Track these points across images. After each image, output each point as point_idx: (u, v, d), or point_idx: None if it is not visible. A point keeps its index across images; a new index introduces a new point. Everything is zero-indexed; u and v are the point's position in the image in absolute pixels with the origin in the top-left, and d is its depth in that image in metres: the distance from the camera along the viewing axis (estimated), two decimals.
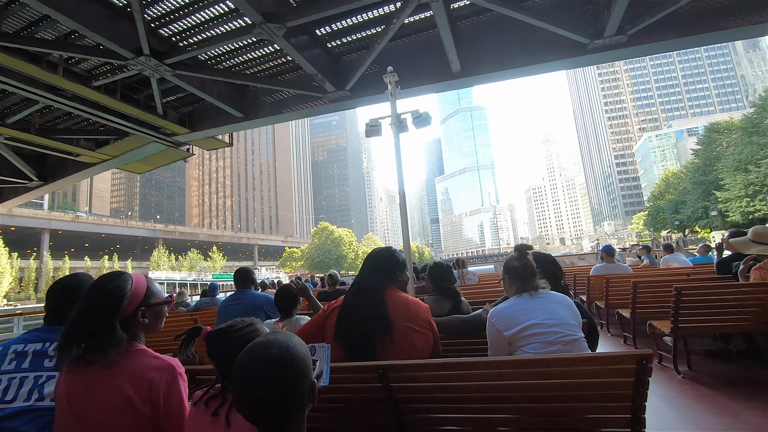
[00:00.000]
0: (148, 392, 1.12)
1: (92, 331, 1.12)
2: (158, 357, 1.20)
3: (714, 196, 37.35)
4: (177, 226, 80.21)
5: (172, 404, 1.15)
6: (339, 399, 1.62)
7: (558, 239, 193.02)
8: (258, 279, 3.94)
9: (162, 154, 9.57)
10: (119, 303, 1.18)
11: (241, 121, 8.01)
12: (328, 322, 1.79)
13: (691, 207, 42.31)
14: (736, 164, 34.36)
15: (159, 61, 5.93)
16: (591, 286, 5.54)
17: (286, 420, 0.81)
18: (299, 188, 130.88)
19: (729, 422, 2.32)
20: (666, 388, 2.94)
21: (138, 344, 1.22)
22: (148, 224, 71.53)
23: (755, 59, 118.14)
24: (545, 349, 1.67)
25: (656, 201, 56.29)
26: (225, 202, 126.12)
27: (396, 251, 1.95)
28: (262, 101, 7.98)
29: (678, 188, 49.99)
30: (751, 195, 33.23)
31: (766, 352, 3.33)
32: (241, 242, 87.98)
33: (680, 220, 45.21)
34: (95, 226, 59.43)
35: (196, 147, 9.92)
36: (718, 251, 5.36)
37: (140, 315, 1.24)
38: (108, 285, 1.20)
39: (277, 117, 8.08)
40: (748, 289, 3.03)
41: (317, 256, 66.11)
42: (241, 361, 0.83)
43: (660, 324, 3.52)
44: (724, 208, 35.95)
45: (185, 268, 52.72)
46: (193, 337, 1.37)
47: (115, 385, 1.11)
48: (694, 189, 42.16)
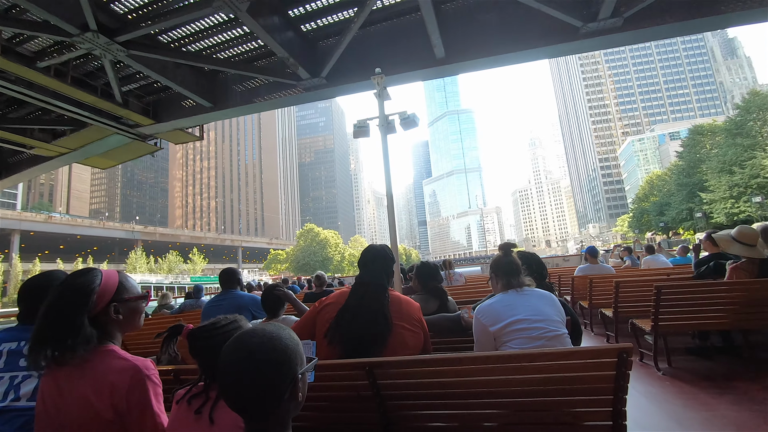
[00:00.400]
0: (110, 397, 1.06)
1: (60, 329, 1.07)
2: (124, 358, 1.13)
3: (699, 197, 37.61)
4: (157, 227, 77.95)
5: (136, 408, 1.09)
6: (325, 397, 1.62)
7: (544, 241, 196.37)
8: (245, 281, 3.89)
9: (127, 148, 8.85)
10: (87, 299, 1.13)
11: (210, 111, 7.42)
12: (319, 318, 1.78)
13: (676, 208, 42.63)
14: (721, 166, 34.64)
15: (109, 38, 5.39)
16: (575, 286, 5.66)
17: (269, 412, 0.80)
18: (285, 190, 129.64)
19: (707, 416, 2.40)
20: (646, 384, 3.02)
21: (110, 344, 1.17)
22: (126, 225, 69.26)
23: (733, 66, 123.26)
24: (530, 344, 1.70)
25: (641, 203, 56.93)
26: (209, 204, 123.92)
27: (388, 248, 1.97)
28: (233, 90, 7.39)
29: (662, 190, 50.51)
30: (736, 196, 33.36)
31: (741, 349, 3.45)
32: (224, 244, 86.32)
33: (665, 221, 45.60)
34: (70, 227, 57.15)
35: (180, 142, 9.47)
36: (695, 252, 5.55)
37: (113, 311, 1.19)
38: (75, 281, 1.15)
39: (249, 107, 7.48)
40: (724, 288, 3.14)
41: (302, 259, 65.34)
42: (224, 350, 0.82)
43: (641, 322, 3.62)
44: (708, 210, 36.20)
45: (164, 270, 51.29)
46: (174, 335, 1.34)
47: (79, 389, 1.07)
48: (679, 191, 42.49)
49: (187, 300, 6.29)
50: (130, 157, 9.64)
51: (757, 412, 2.36)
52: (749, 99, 34.59)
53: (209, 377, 1.17)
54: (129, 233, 65.99)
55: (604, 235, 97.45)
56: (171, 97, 7.81)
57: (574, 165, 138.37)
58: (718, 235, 3.51)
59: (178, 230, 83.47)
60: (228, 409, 1.06)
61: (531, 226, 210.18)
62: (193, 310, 5.36)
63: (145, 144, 8.68)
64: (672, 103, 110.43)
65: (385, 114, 5.55)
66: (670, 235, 46.40)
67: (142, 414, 1.10)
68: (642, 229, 55.46)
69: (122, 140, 8.38)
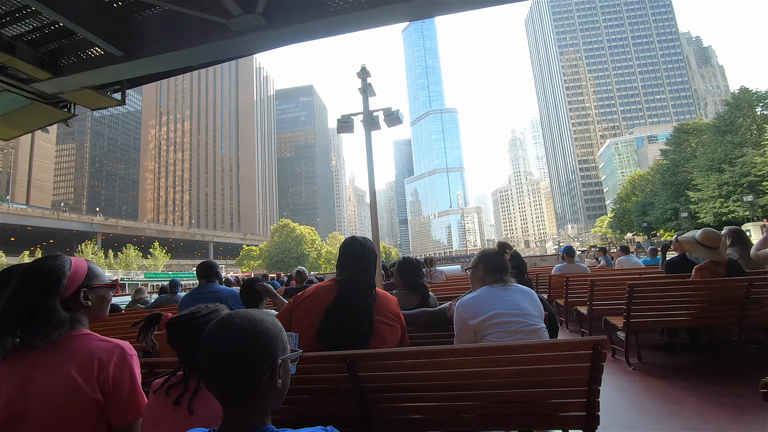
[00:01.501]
0: (96, 375, 1.06)
1: (30, 313, 1.06)
2: (106, 339, 1.15)
3: (685, 196, 36.89)
4: (119, 219, 73.32)
5: (122, 387, 1.09)
6: (304, 390, 1.62)
7: (523, 241, 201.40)
8: None
9: (29, 113, 6.93)
10: (58, 281, 1.11)
11: (122, 61, 5.62)
12: (295, 314, 1.77)
13: (660, 208, 41.78)
14: (709, 164, 33.58)
15: None
16: (552, 284, 5.85)
17: (248, 397, 0.80)
18: (264, 184, 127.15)
19: (674, 409, 2.54)
20: (618, 379, 3.17)
21: (82, 328, 1.16)
22: (84, 217, 64.69)
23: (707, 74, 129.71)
24: (508, 337, 1.76)
25: (622, 203, 56.71)
26: (182, 197, 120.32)
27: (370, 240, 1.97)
28: (150, 35, 6.05)
29: (645, 190, 49.90)
30: (725, 195, 32.17)
31: (706, 345, 3.67)
32: (194, 239, 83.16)
33: (648, 221, 45.18)
34: (19, 218, 53.36)
35: (98, 107, 7.40)
36: (663, 253, 5.84)
37: (82, 296, 1.17)
38: (44, 264, 1.13)
39: (171, 56, 5.41)
40: (691, 287, 3.33)
41: (276, 255, 63.26)
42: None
43: (614, 319, 3.79)
44: (695, 209, 35.21)
45: (122, 266, 48.65)
46: (151, 324, 1.32)
47: (59, 371, 1.04)
48: (664, 190, 41.52)
49: (162, 295, 6.12)
50: (37, 125, 7.47)
51: (719, 404, 2.52)
52: (739, 96, 34.01)
53: (189, 367, 1.16)
54: (87, 225, 62.02)
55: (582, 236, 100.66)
56: (74, 45, 6.05)
57: (554, 166, 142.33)
58: (682, 238, 3.71)
59: (143, 223, 79.76)
60: (207, 400, 1.08)
61: (510, 226, 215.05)
62: (169, 304, 5.23)
63: (53, 109, 6.92)
64: (649, 107, 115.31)
65: (369, 110, 5.54)
66: (650, 236, 46.23)
67: (130, 392, 1.11)
68: (623, 230, 55.42)
69: (18, 101, 6.53)
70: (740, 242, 4.01)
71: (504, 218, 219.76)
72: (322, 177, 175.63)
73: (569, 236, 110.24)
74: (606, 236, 64.99)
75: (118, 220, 71.33)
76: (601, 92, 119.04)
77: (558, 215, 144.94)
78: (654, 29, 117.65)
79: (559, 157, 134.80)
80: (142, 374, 1.20)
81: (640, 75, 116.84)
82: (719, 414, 2.39)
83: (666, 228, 42.08)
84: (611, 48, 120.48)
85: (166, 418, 1.08)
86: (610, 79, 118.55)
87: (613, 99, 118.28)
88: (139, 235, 68.94)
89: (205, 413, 1.06)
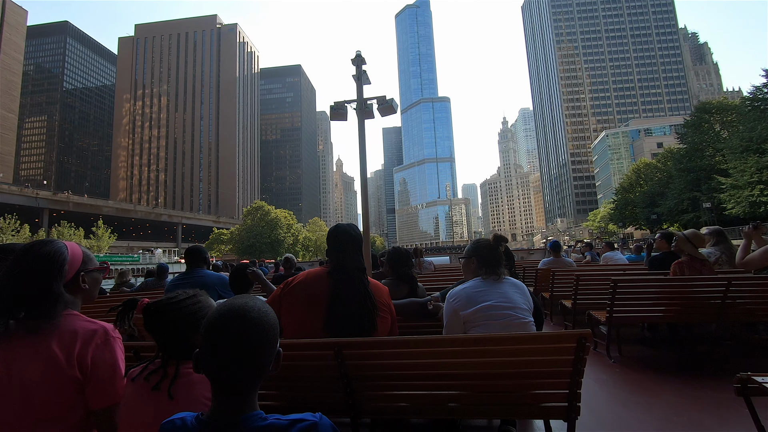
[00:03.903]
0: (77, 352, 1.10)
1: (37, 297, 1.11)
2: (92, 321, 1.19)
3: (707, 185, 32.87)
4: (71, 194, 64.53)
5: (102, 367, 1.12)
6: (290, 377, 1.65)
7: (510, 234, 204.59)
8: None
9: None
10: (61, 267, 1.16)
11: None
12: (285, 300, 1.79)
13: (675, 198, 37.46)
14: (746, 144, 28.85)
15: None
16: (539, 277, 6.03)
17: (251, 385, 0.84)
18: (245, 167, 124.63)
19: (651, 401, 2.70)
20: (598, 371, 3.33)
21: (71, 310, 1.20)
22: (27, 190, 57.34)
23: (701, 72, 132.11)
24: (497, 329, 1.83)
25: (625, 194, 52.30)
26: (158, 177, 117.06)
27: (356, 227, 1.99)
28: None
29: (653, 179, 45.91)
30: (766, 181, 27.25)
31: (684, 341, 3.87)
32: (161, 220, 77.75)
33: (658, 213, 41.18)
34: None
35: None
36: (648, 250, 6.07)
37: (81, 280, 1.23)
38: (43, 249, 1.16)
39: None
40: (673, 284, 3.50)
41: (248, 239, 59.84)
42: (218, 320, 0.84)
43: (597, 314, 3.96)
44: (724, 199, 30.72)
45: None
46: (129, 309, 1.32)
47: (41, 347, 1.08)
48: (680, 177, 36.92)
49: (148, 279, 6.12)
50: None
51: (694, 398, 2.69)
52: None
53: (167, 354, 1.17)
54: (31, 200, 55.92)
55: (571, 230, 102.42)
56: None
57: (545, 158, 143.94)
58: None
59: (100, 200, 70.87)
60: (188, 386, 1.09)
61: (498, 219, 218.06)
62: (156, 289, 5.22)
63: None
64: (645, 102, 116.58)
65: (363, 97, 5.51)
66: (659, 230, 41.35)
67: (111, 374, 1.14)
68: (625, 223, 51.64)
69: None
70: (724, 241, 4.26)
71: (492, 210, 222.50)
72: (308, 162, 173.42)
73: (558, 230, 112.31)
74: (604, 229, 61.68)
75: (69, 195, 63.52)
76: (597, 84, 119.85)
77: (547, 209, 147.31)
78: (653, 21, 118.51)
79: (550, 149, 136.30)
80: (128, 358, 1.21)
81: (637, 68, 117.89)
82: (694, 407, 2.55)
83: (680, 221, 37.42)
84: (609, 39, 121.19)
85: (146, 405, 1.09)
86: (607, 70, 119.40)
87: (608, 91, 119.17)
88: (94, 213, 62.79)
89: (186, 398, 1.08)
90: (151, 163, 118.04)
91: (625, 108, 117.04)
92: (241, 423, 0.81)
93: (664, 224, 41.12)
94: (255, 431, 0.81)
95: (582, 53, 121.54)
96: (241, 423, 0.81)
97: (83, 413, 1.12)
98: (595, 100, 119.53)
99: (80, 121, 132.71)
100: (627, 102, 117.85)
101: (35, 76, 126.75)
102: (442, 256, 21.87)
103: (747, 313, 3.35)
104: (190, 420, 0.85)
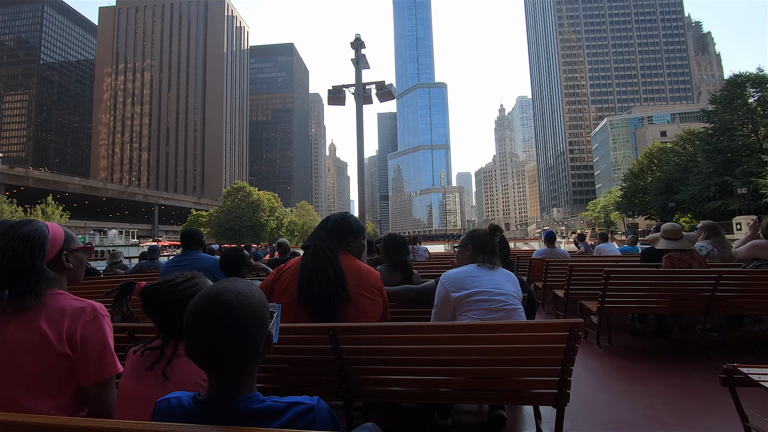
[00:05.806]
0: (66, 329, 1.12)
1: (20, 275, 1.12)
2: (80, 299, 1.21)
3: (741, 168, 29.36)
4: (30, 169, 60.22)
5: (91, 344, 1.14)
6: (285, 359, 1.70)
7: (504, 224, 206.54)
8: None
9: None
10: (43, 245, 1.18)
11: None
12: (278, 285, 1.83)
13: (700, 184, 33.55)
14: None
15: None
16: (532, 267, 6.16)
17: (240, 369, 0.84)
18: (233, 147, 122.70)
19: (638, 390, 2.82)
20: (588, 359, 3.45)
21: (58, 289, 1.21)
22: None
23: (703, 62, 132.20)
24: (488, 315, 1.90)
25: (635, 180, 48.91)
26: (140, 156, 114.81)
27: (349, 216, 2.03)
28: None
29: (670, 163, 41.83)
30: None
31: (673, 331, 4.02)
32: (135, 199, 73.74)
33: (677, 201, 37.42)
34: None
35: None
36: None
37: (65, 259, 1.25)
38: (23, 228, 1.17)
39: None
40: (664, 276, 3.61)
41: (226, 222, 57.66)
42: (196, 307, 0.84)
43: (589, 304, 4.09)
44: (766, 183, 27.62)
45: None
46: (126, 293, 1.34)
47: (29, 324, 1.10)
48: (708, 159, 33.08)
49: (142, 261, 6.15)
50: None
51: (680, 387, 2.81)
52: None
53: (166, 335, 1.20)
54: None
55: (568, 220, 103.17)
56: None
57: (542, 147, 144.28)
58: (650, 237, 4.09)
59: (64, 176, 65.19)
60: (184, 366, 1.11)
61: (492, 208, 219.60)
62: (150, 270, 5.27)
63: None
64: (646, 90, 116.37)
65: (362, 82, 5.47)
66: (675, 221, 38.49)
67: (101, 350, 1.16)
68: (635, 211, 48.21)
69: None
70: (716, 235, 4.41)
71: (486, 199, 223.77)
72: (299, 144, 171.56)
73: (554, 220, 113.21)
74: (607, 218, 59.66)
75: (28, 170, 59.24)
76: (598, 70, 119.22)
77: (542, 198, 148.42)
78: (659, 7, 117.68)
79: (548, 138, 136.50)
80: (122, 339, 1.23)
81: (640, 55, 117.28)
82: (679, 396, 2.67)
83: (705, 210, 33.62)
84: (612, 24, 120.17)
85: (136, 381, 1.13)
86: (609, 57, 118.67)
87: (609, 78, 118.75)
88: (59, 190, 57.86)
89: (182, 378, 1.11)
90: (134, 141, 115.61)
91: (626, 96, 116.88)
92: (238, 404, 0.82)
93: (684, 214, 37.94)
94: (251, 413, 0.82)
95: (584, 38, 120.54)
96: (238, 404, 0.82)
97: (74, 390, 1.15)
98: (595, 88, 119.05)
99: (59, 96, 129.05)
100: (628, 90, 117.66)
101: (12, 46, 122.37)
102: (435, 244, 22.09)
103: (735, 306, 3.48)
104: (187, 400, 0.86)
